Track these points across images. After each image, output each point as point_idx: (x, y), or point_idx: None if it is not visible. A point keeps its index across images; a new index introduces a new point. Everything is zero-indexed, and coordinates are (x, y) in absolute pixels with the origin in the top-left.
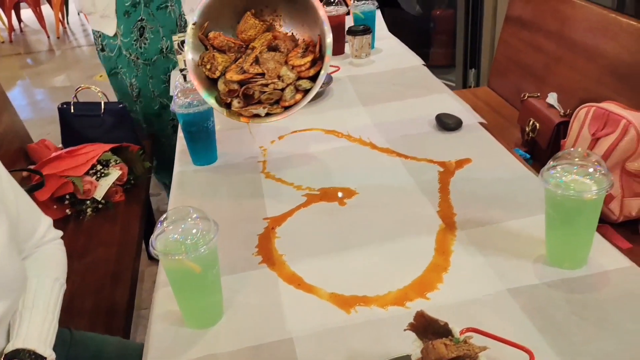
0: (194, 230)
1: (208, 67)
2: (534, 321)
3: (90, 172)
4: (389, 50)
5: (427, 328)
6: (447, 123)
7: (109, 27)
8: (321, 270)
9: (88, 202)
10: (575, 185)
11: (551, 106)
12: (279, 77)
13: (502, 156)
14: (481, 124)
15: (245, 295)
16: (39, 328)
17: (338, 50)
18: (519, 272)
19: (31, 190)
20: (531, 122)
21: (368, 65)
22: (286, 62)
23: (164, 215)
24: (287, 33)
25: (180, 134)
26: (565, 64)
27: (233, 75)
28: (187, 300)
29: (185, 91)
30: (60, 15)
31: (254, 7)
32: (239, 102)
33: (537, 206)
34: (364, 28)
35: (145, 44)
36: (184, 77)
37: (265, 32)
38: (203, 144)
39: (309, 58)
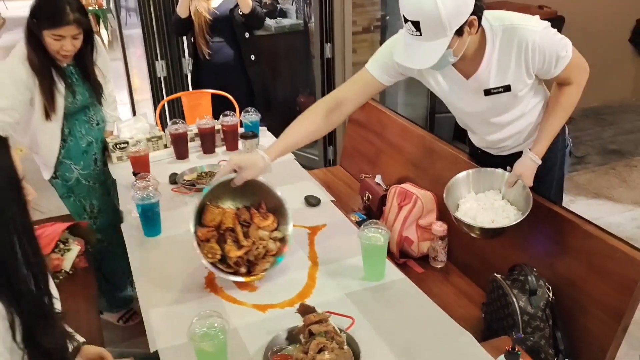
0: (215, 324)
1: (210, 256)
2: (358, 307)
3: (56, 250)
4: None
5: (306, 310)
6: (311, 202)
7: (46, 173)
8: (245, 294)
9: (59, 273)
10: (373, 238)
11: (378, 184)
12: (260, 239)
13: (342, 221)
14: (332, 201)
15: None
16: None
17: (233, 147)
18: (351, 285)
19: None
20: (366, 194)
21: None
22: (258, 227)
23: (196, 317)
24: (238, 208)
25: (133, 216)
26: (386, 155)
27: (236, 253)
28: None
29: (140, 188)
30: None
31: (207, 201)
32: (244, 268)
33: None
34: (252, 134)
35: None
36: (135, 178)
37: (225, 213)
38: (153, 222)
39: (271, 218)
